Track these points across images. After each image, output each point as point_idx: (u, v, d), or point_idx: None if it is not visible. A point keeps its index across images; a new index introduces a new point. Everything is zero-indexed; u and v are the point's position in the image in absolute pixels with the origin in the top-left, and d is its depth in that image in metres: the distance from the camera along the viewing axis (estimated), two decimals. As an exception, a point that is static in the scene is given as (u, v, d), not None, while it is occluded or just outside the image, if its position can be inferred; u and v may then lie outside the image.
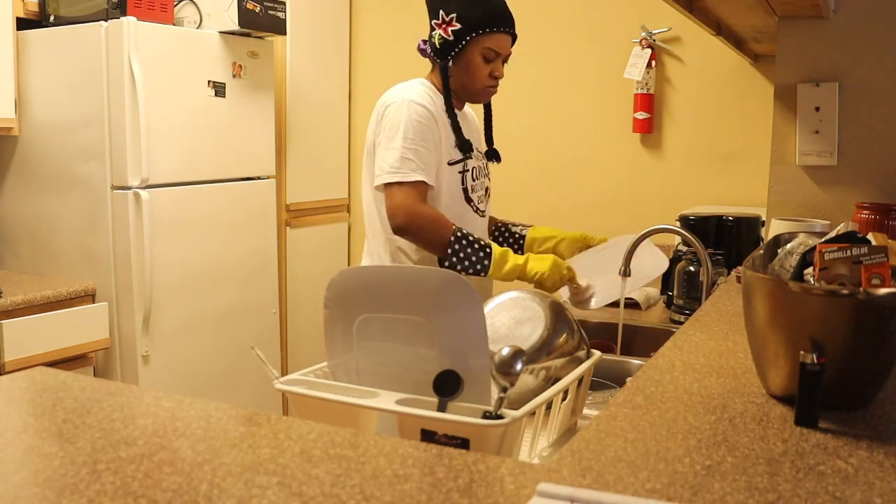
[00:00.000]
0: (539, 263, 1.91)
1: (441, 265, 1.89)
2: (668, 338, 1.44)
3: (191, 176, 2.98)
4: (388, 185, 1.90)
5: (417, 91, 1.96)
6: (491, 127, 2.18)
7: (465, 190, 2.04)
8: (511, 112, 3.51)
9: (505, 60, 2.02)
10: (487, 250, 1.90)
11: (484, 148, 2.17)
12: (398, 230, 1.89)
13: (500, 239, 2.24)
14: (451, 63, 1.97)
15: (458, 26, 1.93)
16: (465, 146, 2.00)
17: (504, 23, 1.96)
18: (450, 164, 1.99)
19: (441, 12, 1.95)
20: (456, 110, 2.02)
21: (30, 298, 2.58)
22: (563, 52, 3.39)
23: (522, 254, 2.18)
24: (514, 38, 2.01)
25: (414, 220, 1.87)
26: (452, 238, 1.88)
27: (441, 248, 1.89)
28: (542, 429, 1.25)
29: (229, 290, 3.15)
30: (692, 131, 3.19)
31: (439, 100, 2.00)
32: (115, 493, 0.79)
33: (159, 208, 2.84)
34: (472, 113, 2.20)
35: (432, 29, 1.99)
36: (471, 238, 1.90)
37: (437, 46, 1.97)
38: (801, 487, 0.81)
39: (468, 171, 2.04)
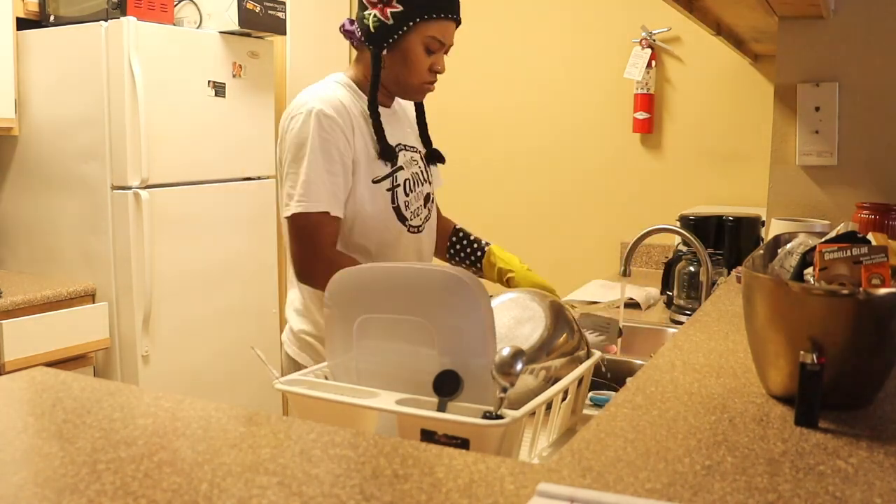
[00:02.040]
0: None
1: None
2: (669, 338, 1.44)
3: (191, 176, 2.98)
4: (292, 217, 1.64)
5: (328, 96, 1.68)
6: (426, 126, 1.88)
7: (397, 209, 1.74)
8: (511, 112, 3.51)
9: (446, 52, 1.73)
10: None
11: (421, 147, 1.87)
12: (298, 278, 1.71)
13: (458, 247, 1.95)
14: (385, 52, 1.68)
15: (400, 8, 1.63)
16: (387, 152, 1.71)
17: (451, 8, 1.68)
18: (375, 181, 1.71)
19: None
20: (382, 108, 1.74)
21: (30, 298, 2.58)
22: (563, 52, 3.39)
23: (481, 270, 1.91)
24: (458, 24, 1.73)
25: (314, 272, 1.64)
26: None
27: None
28: (542, 429, 1.25)
29: (229, 290, 3.15)
30: (692, 131, 3.19)
31: (359, 100, 1.72)
32: (115, 493, 0.79)
33: (159, 208, 2.84)
34: (403, 108, 1.88)
35: (363, 8, 1.69)
36: None
37: (372, 30, 1.67)
38: (801, 487, 0.81)
39: (399, 185, 1.75)
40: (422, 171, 1.83)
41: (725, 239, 2.47)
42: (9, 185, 3.01)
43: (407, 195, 1.77)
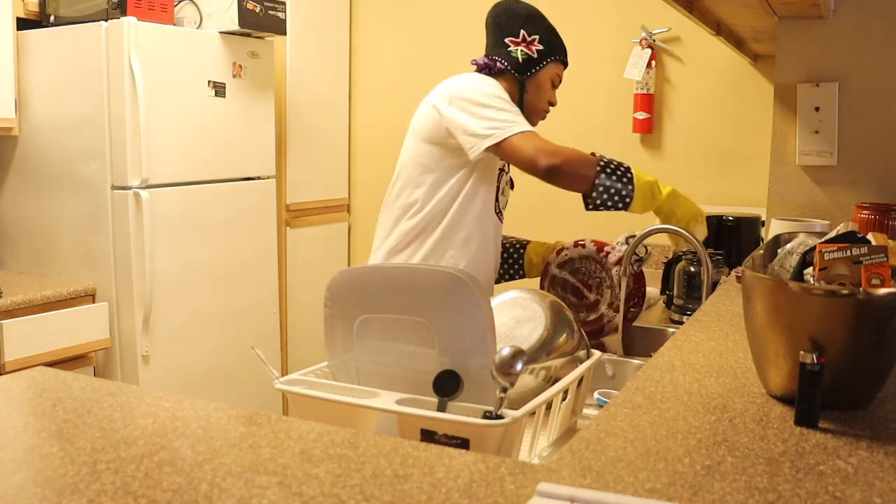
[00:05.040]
0: (683, 200, 1.96)
1: (586, 202, 1.92)
2: (668, 338, 1.44)
3: (191, 176, 2.97)
4: (508, 140, 1.86)
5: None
6: None
7: (497, 198, 2.06)
8: (511, 112, 3.50)
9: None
10: (629, 175, 1.91)
11: None
12: (549, 170, 1.86)
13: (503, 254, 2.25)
14: (526, 79, 2.03)
15: (542, 47, 2.03)
16: None
17: (566, 56, 2.11)
18: (500, 168, 2.03)
19: (523, 32, 2.03)
20: None
21: (30, 298, 2.58)
22: (563, 52, 3.39)
23: (522, 273, 2.24)
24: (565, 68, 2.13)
25: (562, 157, 1.87)
26: (598, 169, 1.90)
27: (588, 183, 1.89)
28: (542, 429, 1.25)
29: (229, 290, 3.15)
30: (692, 131, 3.19)
31: None
32: (115, 493, 0.79)
33: (159, 208, 2.84)
34: None
35: (505, 46, 2.03)
36: (613, 165, 1.92)
37: (520, 62, 2.02)
38: (801, 487, 0.81)
39: (499, 182, 2.06)
40: (510, 182, 2.18)
41: (725, 239, 2.47)
42: (9, 185, 3.01)
43: (501, 193, 2.09)
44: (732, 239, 2.46)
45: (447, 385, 1.15)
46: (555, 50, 2.05)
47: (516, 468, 0.86)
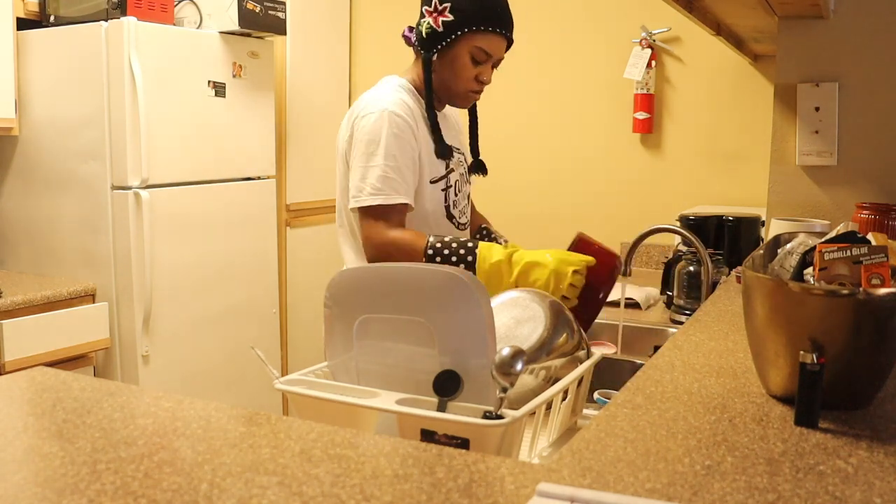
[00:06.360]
0: (539, 270, 1.60)
1: None
2: (668, 338, 1.44)
3: (191, 176, 2.97)
4: (366, 208, 1.74)
5: (394, 98, 1.78)
6: (476, 136, 2.00)
7: (448, 207, 1.87)
8: (511, 112, 3.51)
9: (495, 65, 1.84)
10: (468, 250, 1.66)
11: (467, 151, 2.01)
12: (371, 260, 1.76)
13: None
14: (434, 57, 1.80)
15: (451, 18, 1.74)
16: (444, 152, 1.82)
17: (501, 24, 1.77)
18: (432, 182, 1.82)
19: (434, 0, 1.77)
20: (436, 111, 1.85)
21: (30, 298, 2.58)
22: (563, 52, 3.39)
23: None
24: (510, 42, 1.82)
25: (384, 250, 1.72)
26: (424, 256, 1.69)
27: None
28: (542, 429, 1.25)
29: (229, 290, 3.15)
30: (692, 131, 3.19)
31: (418, 103, 1.83)
32: (115, 493, 0.80)
33: (159, 208, 2.84)
34: (454, 114, 2.03)
35: (422, 16, 1.81)
36: (444, 243, 1.68)
37: (423, 36, 1.80)
38: (801, 487, 0.81)
39: (451, 186, 1.87)
40: (465, 172, 1.96)
41: (725, 239, 2.47)
42: (9, 185, 3.01)
43: (456, 195, 1.89)
44: (732, 239, 2.47)
45: (447, 385, 1.15)
46: (471, 20, 1.74)
47: (516, 468, 0.86)
